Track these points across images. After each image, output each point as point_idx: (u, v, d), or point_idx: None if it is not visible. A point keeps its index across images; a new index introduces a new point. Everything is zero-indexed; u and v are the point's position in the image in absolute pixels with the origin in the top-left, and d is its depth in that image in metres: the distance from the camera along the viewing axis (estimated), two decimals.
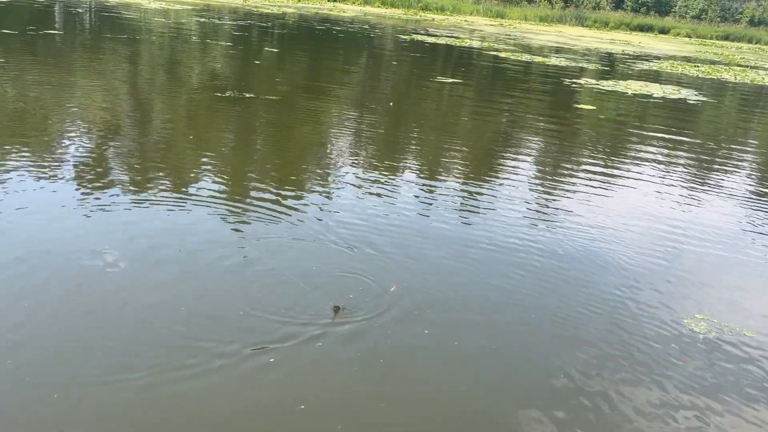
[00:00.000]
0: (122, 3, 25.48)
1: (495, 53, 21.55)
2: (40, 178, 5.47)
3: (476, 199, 6.26)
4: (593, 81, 16.78)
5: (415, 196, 6.16)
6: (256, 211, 5.27)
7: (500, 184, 6.88)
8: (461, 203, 6.10)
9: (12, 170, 5.55)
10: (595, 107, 12.82)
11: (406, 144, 8.52)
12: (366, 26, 28.34)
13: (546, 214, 6.07)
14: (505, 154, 8.42)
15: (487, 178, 7.08)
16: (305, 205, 5.54)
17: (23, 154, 6.07)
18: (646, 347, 3.83)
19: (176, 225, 4.86)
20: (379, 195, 6.05)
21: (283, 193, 5.77)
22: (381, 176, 6.68)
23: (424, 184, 6.58)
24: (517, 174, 7.36)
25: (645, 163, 8.58)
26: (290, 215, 5.25)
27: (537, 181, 7.19)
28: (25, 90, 8.95)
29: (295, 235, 4.88)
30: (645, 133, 10.72)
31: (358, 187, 6.21)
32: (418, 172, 7.10)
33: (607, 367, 3.60)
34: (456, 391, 3.30)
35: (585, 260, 5.03)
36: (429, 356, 3.55)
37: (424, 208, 5.85)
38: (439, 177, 6.96)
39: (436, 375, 3.41)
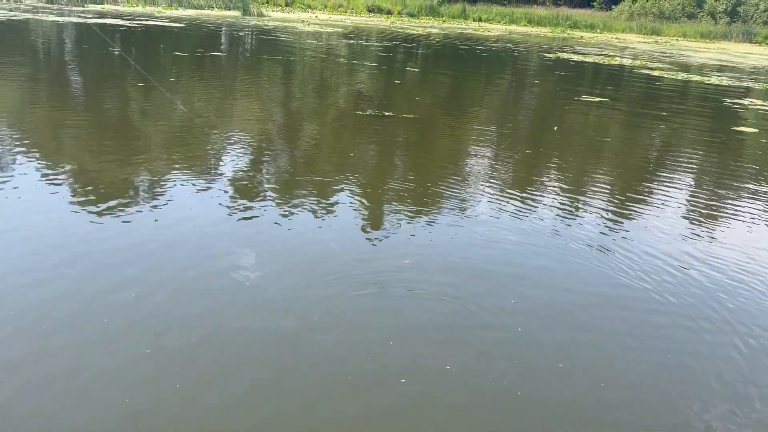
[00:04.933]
0: (279, 26, 27.34)
1: (647, 72, 20.39)
2: (197, 186, 6.02)
3: (617, 225, 5.93)
4: (759, 102, 15.30)
5: (552, 217, 5.98)
6: (391, 229, 5.40)
7: (645, 211, 6.46)
8: (601, 230, 5.80)
9: (175, 178, 6.16)
10: (757, 130, 11.67)
11: (546, 163, 8.27)
12: (510, 45, 28.06)
13: (694, 244, 5.60)
14: (653, 179, 7.90)
15: (632, 204, 6.67)
16: (440, 221, 5.59)
17: (186, 164, 6.69)
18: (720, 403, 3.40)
19: (310, 237, 5.09)
20: (515, 214, 5.95)
21: (418, 208, 5.86)
22: (519, 194, 6.55)
23: (561, 206, 6.35)
24: (665, 201, 6.87)
25: None
26: (423, 232, 5.31)
27: (686, 209, 6.67)
28: (191, 106, 9.89)
29: (425, 249, 4.94)
30: None
31: (495, 205, 6.16)
32: (556, 193, 6.86)
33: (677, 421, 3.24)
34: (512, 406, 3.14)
35: (736, 301, 4.58)
36: (494, 375, 3.41)
37: (560, 230, 5.65)
38: (579, 200, 6.68)
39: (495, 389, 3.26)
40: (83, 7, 29.40)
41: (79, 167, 6.36)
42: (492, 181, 7.14)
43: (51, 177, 5.96)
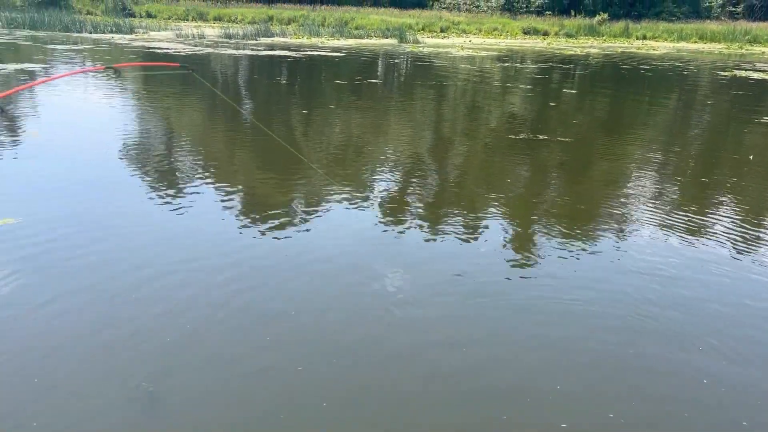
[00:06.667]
0: (433, 52, 27.85)
1: None
2: (351, 204, 6.26)
3: None
4: None
5: (732, 247, 5.42)
6: (545, 252, 5.21)
7: None
8: None
9: (331, 198, 6.45)
10: None
11: (721, 190, 7.51)
12: (678, 63, 26.19)
13: None
14: None
15: None
16: (599, 246, 5.30)
17: (341, 183, 6.97)
18: None
19: (456, 254, 5.04)
20: (683, 247, 5.47)
21: (574, 233, 5.60)
22: (687, 225, 6.02)
23: (741, 236, 5.73)
24: None
25: None
26: (580, 257, 5.06)
27: None
28: (348, 130, 10.33)
29: (583, 275, 4.68)
30: None
31: (662, 233, 5.73)
32: (735, 222, 6.20)
33: None
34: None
35: None
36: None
37: (744, 260, 5.11)
38: (760, 233, 5.98)
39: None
40: (256, 40, 32.11)
41: (244, 184, 6.88)
42: (658, 208, 6.62)
43: (219, 192, 6.49)
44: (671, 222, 6.17)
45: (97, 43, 26.52)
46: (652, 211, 6.53)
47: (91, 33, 32.90)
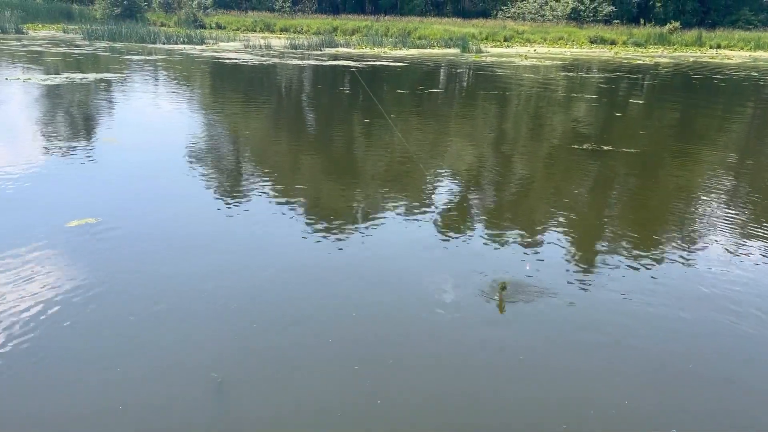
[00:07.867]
0: (496, 62, 27.69)
1: None
2: (406, 214, 6.30)
3: None
4: None
5: None
6: (603, 266, 5.11)
7: None
8: None
9: (386, 206, 6.53)
10: None
11: None
12: (754, 73, 25.10)
13: None
14: None
15: None
16: (661, 267, 5.16)
17: (398, 194, 7.04)
18: None
19: (516, 269, 5.01)
20: (755, 265, 5.26)
21: (639, 249, 5.48)
22: (759, 243, 5.78)
23: None
24: None
25: None
26: (644, 277, 4.94)
27: None
28: (408, 139, 10.40)
29: (646, 298, 4.58)
30: None
31: (731, 254, 5.51)
32: None
33: None
34: None
35: None
36: None
37: None
38: None
39: None
40: (321, 50, 32.77)
41: (303, 192, 7.04)
42: (727, 223, 6.38)
43: (278, 199, 6.68)
44: (742, 239, 5.94)
45: (170, 54, 27.67)
46: (721, 226, 6.30)
47: (164, 44, 34.35)
